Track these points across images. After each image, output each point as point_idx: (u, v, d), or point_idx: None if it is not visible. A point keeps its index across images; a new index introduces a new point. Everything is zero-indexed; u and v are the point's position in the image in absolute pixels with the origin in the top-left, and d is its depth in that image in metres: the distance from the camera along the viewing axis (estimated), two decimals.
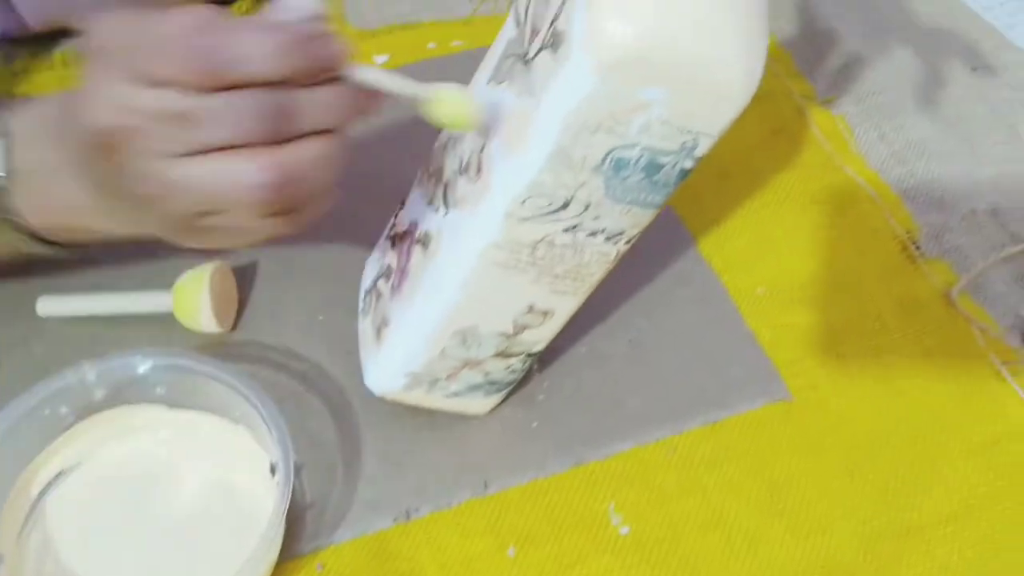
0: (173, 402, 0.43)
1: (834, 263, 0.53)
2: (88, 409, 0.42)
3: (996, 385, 0.48)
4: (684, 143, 0.33)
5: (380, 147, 0.53)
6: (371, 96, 0.33)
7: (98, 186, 0.36)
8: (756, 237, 0.54)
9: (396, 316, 0.40)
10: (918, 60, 0.63)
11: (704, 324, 0.50)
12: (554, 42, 0.32)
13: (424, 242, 0.39)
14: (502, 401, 0.46)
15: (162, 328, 0.47)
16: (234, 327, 0.48)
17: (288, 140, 0.32)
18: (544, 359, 0.48)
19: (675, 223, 0.54)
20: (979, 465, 0.45)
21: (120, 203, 0.35)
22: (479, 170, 0.35)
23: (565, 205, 0.35)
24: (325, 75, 0.32)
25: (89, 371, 0.42)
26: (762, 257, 0.53)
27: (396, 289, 0.41)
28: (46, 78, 0.58)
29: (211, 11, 0.31)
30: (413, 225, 0.41)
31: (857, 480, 0.45)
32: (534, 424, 0.46)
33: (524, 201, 0.34)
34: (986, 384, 0.48)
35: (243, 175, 0.32)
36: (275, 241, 0.35)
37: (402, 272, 0.40)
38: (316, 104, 0.32)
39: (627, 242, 0.37)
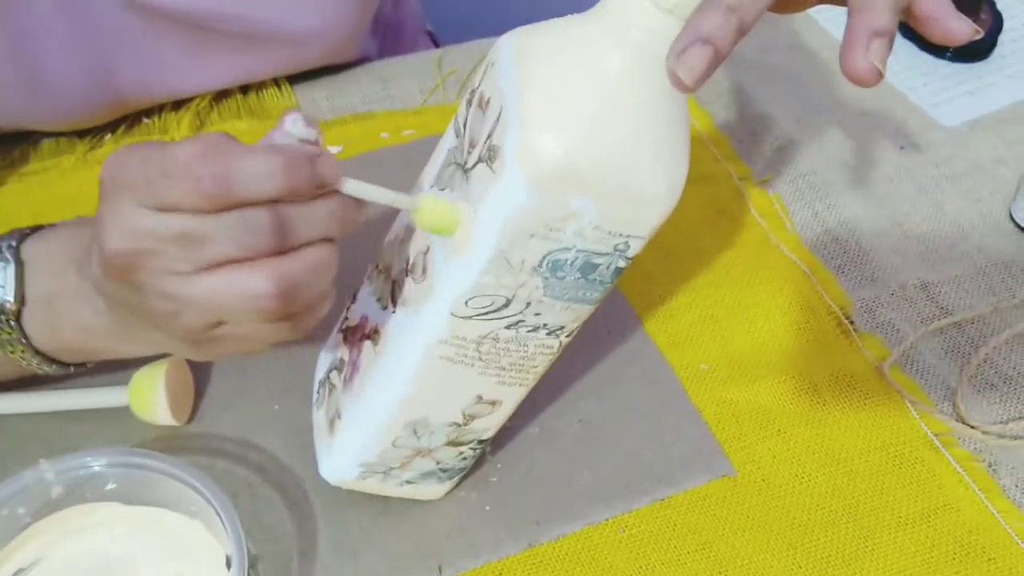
0: (129, 498, 0.44)
1: (773, 339, 0.55)
2: (45, 508, 0.43)
3: (930, 456, 0.50)
4: (616, 245, 0.35)
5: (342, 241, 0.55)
6: (359, 206, 0.36)
7: (114, 307, 0.38)
8: (699, 315, 0.56)
9: (348, 409, 0.42)
10: (849, 140, 0.66)
11: (651, 402, 0.52)
12: (490, 156, 0.34)
13: (373, 338, 0.40)
14: (456, 486, 0.47)
15: (119, 421, 0.48)
16: (191, 419, 0.49)
17: (288, 251, 0.35)
18: (497, 440, 0.49)
19: (621, 302, 0.56)
20: (916, 536, 0.47)
21: (135, 323, 0.38)
22: (424, 271, 0.37)
23: (507, 304, 0.36)
24: (321, 191, 0.35)
25: (47, 471, 0.42)
26: (705, 334, 0.55)
27: (348, 382, 0.42)
28: (7, 176, 0.59)
29: (218, 137, 0.34)
30: (363, 320, 0.42)
31: (799, 554, 0.46)
32: (487, 507, 0.47)
33: (467, 301, 0.36)
34: (920, 455, 0.50)
35: (249, 285, 0.34)
36: (281, 346, 0.38)
37: (353, 366, 0.42)
38: (313, 217, 0.35)
39: (568, 335, 0.39)
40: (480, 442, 0.43)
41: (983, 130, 0.68)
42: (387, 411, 0.40)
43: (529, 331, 0.38)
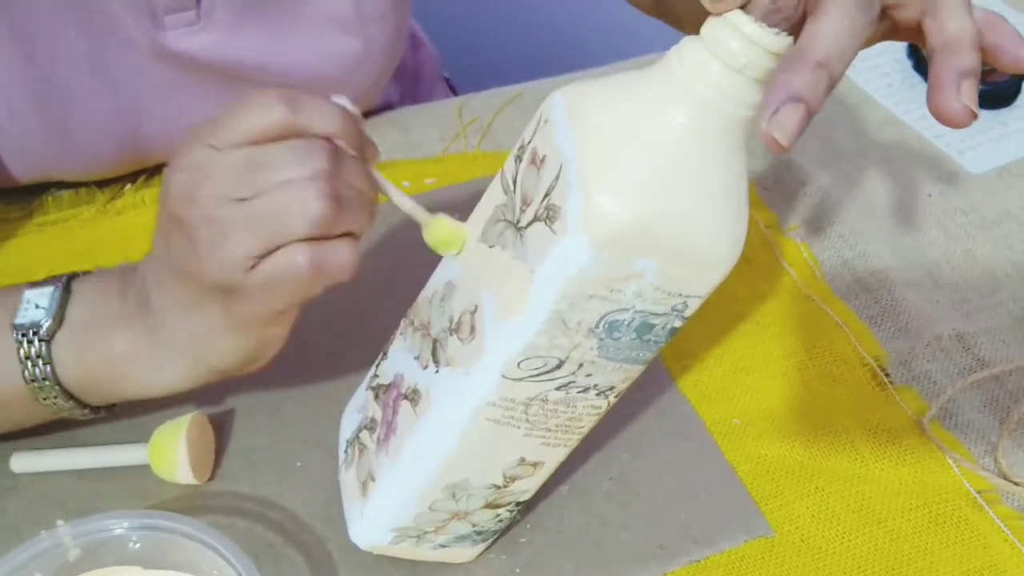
0: (149, 561, 0.42)
1: (807, 392, 0.53)
2: (63, 572, 0.42)
3: (974, 514, 0.48)
4: (674, 306, 0.35)
5: (358, 290, 0.54)
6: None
7: (157, 289, 0.40)
8: (730, 368, 0.55)
9: (383, 471, 0.40)
10: (876, 188, 0.65)
11: (683, 459, 0.50)
12: (548, 215, 0.33)
13: (413, 399, 0.39)
14: (487, 548, 0.45)
15: (139, 480, 0.47)
16: (211, 476, 0.48)
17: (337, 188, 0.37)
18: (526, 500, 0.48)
19: None
20: None
21: (170, 316, 0.40)
22: (472, 331, 0.36)
23: (559, 365, 0.35)
24: (364, 156, 0.38)
25: (64, 534, 0.41)
26: (737, 388, 0.54)
27: (382, 443, 0.41)
28: (26, 227, 0.59)
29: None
30: (399, 379, 0.41)
31: None
32: (517, 570, 0.46)
33: (520, 363, 0.35)
34: (963, 513, 0.48)
35: (303, 190, 0.36)
36: (329, 291, 0.39)
37: (388, 426, 0.40)
38: (359, 169, 0.38)
39: (616, 395, 0.38)
40: (518, 504, 0.42)
41: (1011, 177, 0.67)
42: (428, 474, 0.39)
43: (579, 392, 0.37)
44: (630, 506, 0.48)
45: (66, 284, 0.43)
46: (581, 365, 0.36)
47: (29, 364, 0.41)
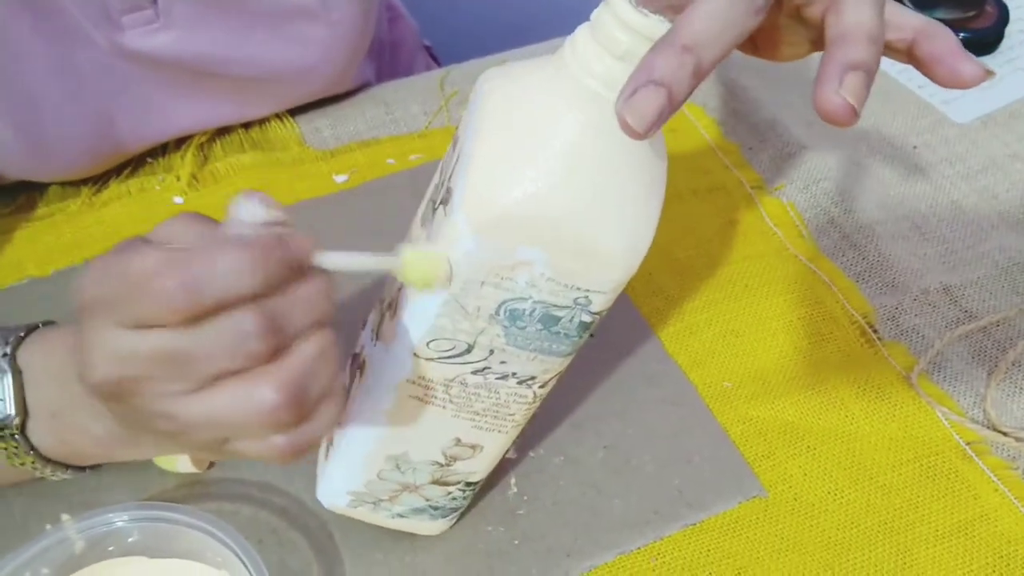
0: (153, 551, 0.43)
1: (796, 352, 0.54)
2: (69, 566, 0.42)
3: (964, 466, 0.49)
4: (576, 299, 0.34)
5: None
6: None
7: (121, 423, 0.36)
8: (720, 331, 0.55)
9: (337, 436, 0.42)
10: (861, 142, 0.65)
11: (676, 424, 0.51)
12: (444, 198, 0.34)
13: (361, 369, 0.40)
14: (454, 523, 0.46)
15: (140, 471, 0.47)
16: (211, 464, 0.48)
17: (284, 349, 0.32)
18: (521, 471, 0.49)
19: (639, 321, 0.55)
20: (954, 549, 0.46)
21: (144, 435, 0.36)
22: (395, 309, 0.37)
23: (468, 349, 0.36)
24: (299, 274, 0.32)
25: (69, 530, 0.41)
26: (726, 350, 0.54)
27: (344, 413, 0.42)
28: (12, 222, 0.59)
29: (181, 225, 0.32)
30: (361, 350, 0.42)
31: (836, 574, 0.45)
32: (515, 541, 0.46)
33: (428, 343, 0.36)
34: (954, 466, 0.49)
35: (253, 398, 0.31)
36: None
37: (348, 395, 0.41)
38: (300, 305, 0.32)
39: (542, 386, 0.38)
40: (468, 484, 0.43)
41: (996, 125, 0.67)
42: (368, 443, 0.40)
43: (498, 379, 0.37)
44: (624, 474, 0.49)
45: (12, 363, 0.39)
46: (492, 352, 0.36)
47: (8, 450, 0.40)
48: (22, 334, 0.40)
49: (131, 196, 0.60)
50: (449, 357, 0.36)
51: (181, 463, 0.46)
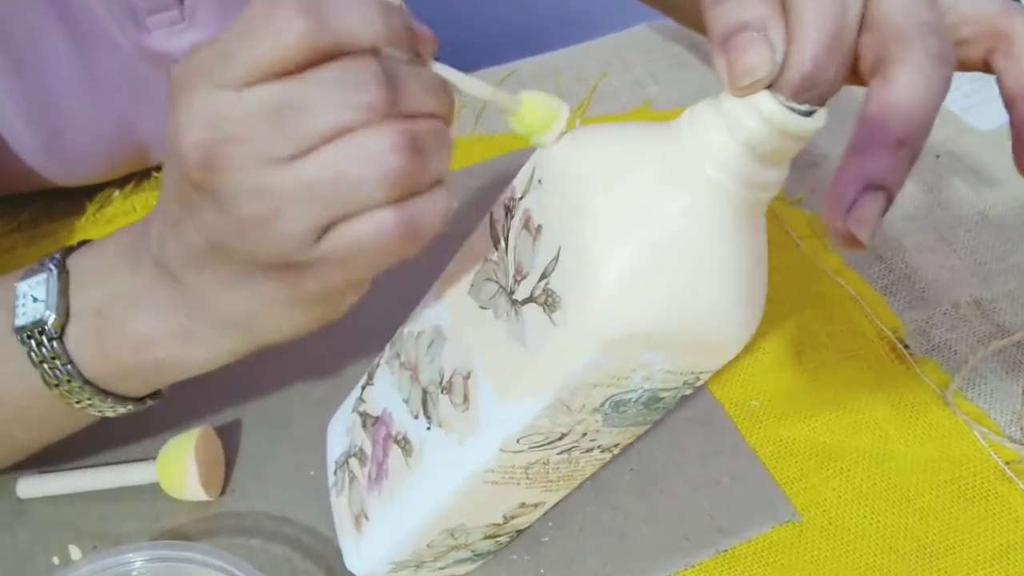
0: None
1: (825, 370, 0.52)
2: None
3: (1003, 487, 0.47)
4: (686, 381, 0.33)
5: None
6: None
7: (183, 269, 0.32)
8: (746, 348, 0.53)
9: (377, 513, 0.39)
10: None
11: (704, 445, 0.49)
12: (548, 302, 0.30)
13: (404, 447, 0.37)
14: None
15: (149, 499, 0.46)
16: (223, 491, 0.47)
17: (403, 114, 0.28)
18: None
19: None
20: (996, 574, 0.45)
21: (208, 288, 0.32)
22: (465, 400, 0.34)
23: (562, 437, 0.34)
24: (419, 54, 0.29)
25: (82, 569, 0.40)
26: (753, 368, 0.52)
27: (374, 482, 0.39)
28: (14, 239, 0.57)
29: None
30: (387, 416, 0.39)
31: None
32: (541, 570, 0.44)
33: (519, 439, 0.33)
34: (993, 487, 0.47)
35: (369, 143, 0.27)
36: (397, 263, 0.31)
37: (380, 466, 0.39)
38: (421, 81, 0.29)
39: (620, 447, 0.37)
40: (519, 531, 0.41)
41: None
42: (423, 522, 0.37)
43: (583, 452, 0.36)
44: (652, 498, 0.47)
45: (60, 265, 0.36)
46: (585, 434, 0.34)
47: (46, 368, 0.36)
48: (77, 246, 0.37)
49: (136, 213, 0.58)
50: (540, 446, 0.34)
51: (191, 490, 0.45)
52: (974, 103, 0.68)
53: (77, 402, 0.37)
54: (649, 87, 0.68)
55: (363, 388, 0.43)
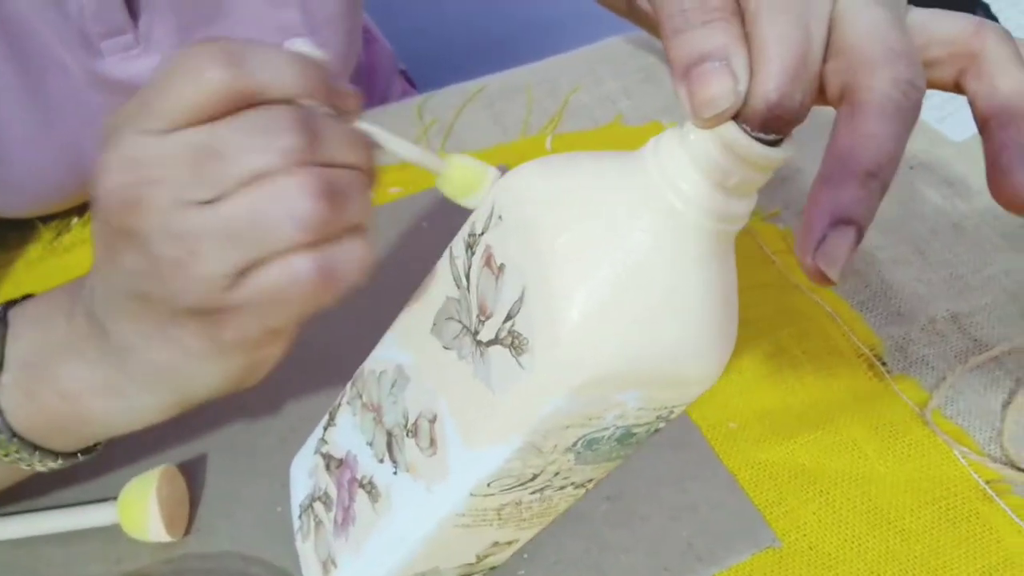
0: None
1: (803, 389, 0.51)
2: None
3: (985, 508, 0.47)
4: (659, 416, 0.32)
5: (325, 325, 0.51)
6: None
7: (109, 311, 0.32)
8: None
9: (345, 559, 0.37)
10: None
11: (681, 469, 0.48)
12: (515, 344, 0.29)
13: (371, 492, 0.36)
14: None
15: (110, 541, 0.44)
16: (187, 531, 0.45)
17: (321, 161, 0.29)
18: None
19: None
20: None
21: (132, 335, 0.32)
22: (432, 444, 0.33)
23: (534, 478, 0.33)
24: (341, 109, 0.30)
25: None
26: (730, 389, 0.51)
27: (340, 528, 0.38)
28: None
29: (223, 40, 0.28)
30: (352, 460, 0.38)
31: None
32: None
33: (489, 483, 0.32)
34: (975, 507, 0.47)
35: (285, 189, 0.28)
36: (307, 322, 0.31)
37: (346, 511, 0.37)
38: (341, 134, 0.29)
39: (594, 483, 0.36)
40: (492, 568, 0.40)
41: None
42: (393, 570, 0.36)
43: (556, 491, 0.35)
44: (630, 527, 0.46)
45: (1, 317, 0.36)
46: (557, 473, 0.33)
47: None
48: (21, 299, 0.37)
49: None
50: (511, 488, 0.33)
51: (154, 531, 0.43)
52: (948, 113, 0.67)
53: (4, 455, 0.36)
54: (620, 102, 0.68)
55: (325, 429, 0.41)
